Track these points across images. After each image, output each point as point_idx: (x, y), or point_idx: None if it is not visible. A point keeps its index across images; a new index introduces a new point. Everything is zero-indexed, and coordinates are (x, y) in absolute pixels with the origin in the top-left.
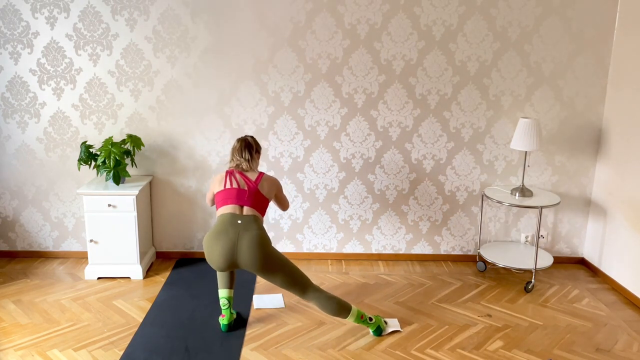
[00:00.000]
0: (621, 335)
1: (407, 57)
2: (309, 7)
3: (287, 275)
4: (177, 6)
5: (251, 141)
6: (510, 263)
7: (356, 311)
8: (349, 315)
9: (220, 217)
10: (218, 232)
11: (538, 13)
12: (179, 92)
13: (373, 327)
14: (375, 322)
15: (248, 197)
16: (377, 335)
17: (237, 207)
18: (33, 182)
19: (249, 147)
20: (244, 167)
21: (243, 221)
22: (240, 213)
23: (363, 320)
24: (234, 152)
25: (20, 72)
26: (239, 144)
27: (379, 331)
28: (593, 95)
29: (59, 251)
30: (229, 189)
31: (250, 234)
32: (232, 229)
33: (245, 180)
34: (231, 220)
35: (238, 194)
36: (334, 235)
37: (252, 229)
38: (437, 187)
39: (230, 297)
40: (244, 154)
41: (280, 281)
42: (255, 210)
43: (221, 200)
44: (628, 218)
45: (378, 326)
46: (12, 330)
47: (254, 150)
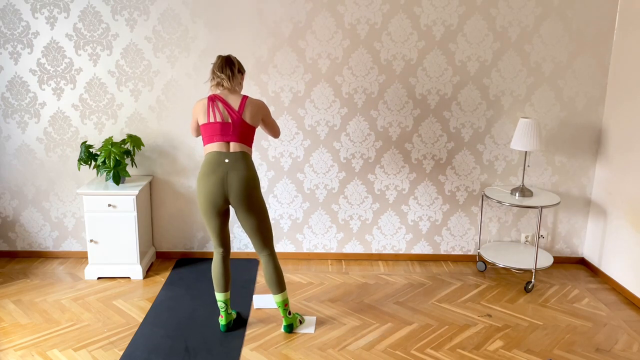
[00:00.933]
0: (621, 335)
1: (407, 57)
2: (309, 7)
3: (260, 222)
4: (177, 6)
5: (233, 58)
6: (510, 263)
7: (286, 296)
8: (279, 294)
9: (207, 156)
10: (207, 172)
11: (538, 13)
12: (179, 92)
13: (287, 321)
14: (292, 318)
15: (233, 131)
16: (287, 331)
17: (224, 144)
18: (33, 182)
19: (229, 63)
20: (225, 84)
21: (230, 159)
22: (226, 150)
23: (285, 308)
24: (213, 70)
25: (20, 72)
26: (220, 60)
27: (290, 327)
28: (593, 95)
29: (59, 251)
30: (212, 123)
31: (239, 174)
32: (220, 169)
33: (229, 111)
34: (218, 160)
35: (222, 128)
36: (334, 235)
37: (240, 168)
38: (437, 187)
39: (227, 299)
40: (225, 70)
41: (252, 224)
42: (242, 143)
43: (206, 136)
44: (628, 218)
45: (291, 323)
46: (12, 330)
47: (235, 67)
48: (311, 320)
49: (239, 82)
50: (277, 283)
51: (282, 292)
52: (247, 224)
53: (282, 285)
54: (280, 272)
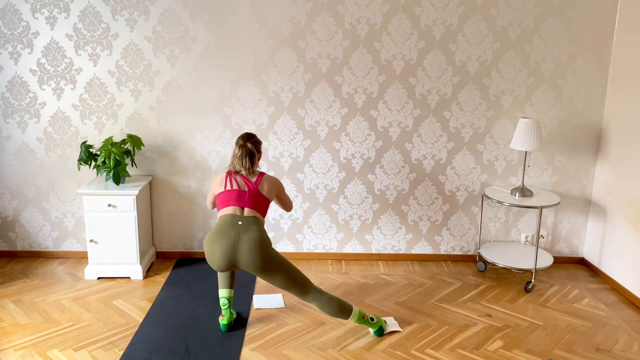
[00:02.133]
0: (621, 335)
1: (407, 57)
2: (309, 7)
3: (287, 276)
4: (177, 6)
5: (251, 148)
6: (510, 263)
7: (357, 312)
8: (350, 316)
9: (221, 218)
10: (218, 232)
11: (538, 13)
12: (179, 92)
13: (375, 327)
14: (377, 322)
15: (249, 198)
16: (379, 335)
17: (238, 208)
18: (33, 182)
19: (250, 155)
20: (244, 174)
21: (243, 222)
22: (240, 214)
23: (364, 320)
24: (234, 159)
25: (20, 72)
26: (240, 151)
27: (380, 331)
28: (593, 95)
29: (59, 251)
30: (229, 190)
31: (251, 235)
32: (233, 230)
33: (246, 182)
34: (232, 221)
35: (238, 195)
36: (334, 235)
37: (252, 230)
38: (437, 187)
39: (230, 297)
40: (245, 162)
41: (280, 282)
42: (256, 211)
43: (222, 201)
44: (628, 218)
45: (380, 326)
46: (12, 330)
47: (255, 157)
48: (390, 320)
49: (257, 165)
50: (342, 311)
51: (353, 313)
52: (276, 284)
53: (347, 307)
54: (337, 300)
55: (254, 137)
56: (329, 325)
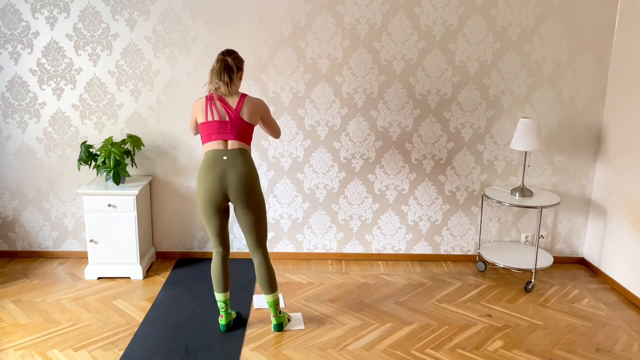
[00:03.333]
0: (621, 335)
1: (407, 57)
2: (309, 7)
3: (258, 220)
4: (177, 6)
5: (231, 62)
6: (510, 263)
7: (277, 296)
8: (270, 293)
9: (206, 155)
10: (206, 170)
11: (538, 13)
12: (179, 92)
13: (276, 320)
14: (282, 317)
15: (230, 129)
16: (277, 330)
17: (221, 142)
18: (33, 182)
19: (228, 70)
20: (222, 91)
21: (228, 156)
22: (224, 147)
23: (276, 307)
24: (212, 74)
25: (20, 72)
26: (218, 64)
27: (280, 326)
28: (593, 95)
29: (59, 251)
30: (210, 121)
31: (237, 170)
32: (218, 166)
33: (226, 109)
34: (216, 157)
35: (220, 126)
36: (334, 235)
37: (238, 164)
38: (437, 187)
39: (226, 299)
40: (223, 76)
41: (251, 221)
42: (241, 141)
43: (205, 135)
44: (628, 218)
45: (281, 322)
46: (12, 330)
47: (234, 72)
48: (297, 316)
49: (237, 84)
50: (270, 283)
51: (274, 292)
52: (245, 221)
53: (274, 285)
54: (273, 273)
55: (234, 52)
56: (329, 325)
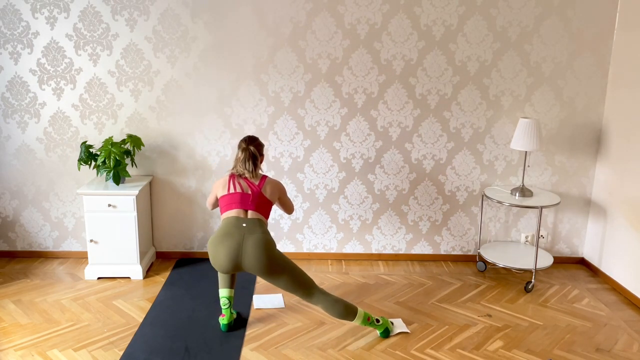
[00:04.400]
0: (621, 335)
1: (407, 57)
2: (309, 7)
3: (291, 278)
4: (177, 6)
5: (254, 151)
6: (510, 263)
7: (363, 313)
8: (355, 318)
9: (225, 221)
10: (223, 234)
11: (538, 13)
12: (179, 92)
13: (381, 328)
14: (383, 323)
15: (252, 201)
16: (385, 337)
17: (242, 211)
18: (33, 182)
19: (253, 159)
20: (247, 176)
21: (248, 224)
22: (244, 217)
23: (370, 322)
24: (237, 162)
25: (20, 72)
26: (243, 154)
27: (386, 332)
28: (593, 95)
29: (59, 251)
30: (232, 193)
31: (255, 237)
32: (237, 232)
33: (249, 184)
34: (236, 224)
35: (242, 198)
36: (334, 235)
37: (256, 232)
38: (437, 187)
39: (230, 296)
40: (248, 165)
41: (285, 284)
42: (260, 213)
43: (225, 204)
44: (628, 218)
45: (386, 328)
46: (12, 330)
47: (258, 160)
48: (398, 321)
49: (259, 168)
50: (347, 312)
51: (358, 315)
52: (281, 286)
53: (353, 309)
54: (342, 302)
55: (256, 140)
56: (329, 325)
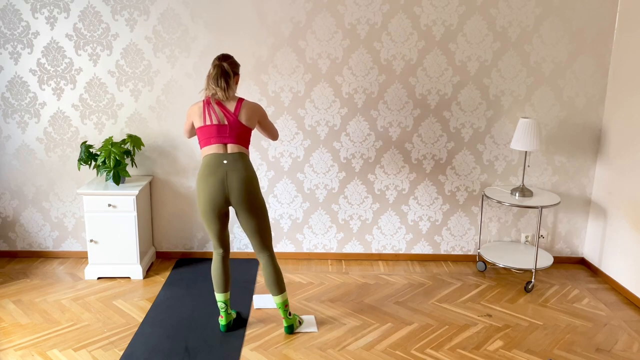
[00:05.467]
0: (621, 335)
1: (407, 57)
2: (309, 7)
3: (261, 222)
4: (177, 6)
5: (227, 67)
6: (510, 263)
7: (286, 297)
8: (279, 295)
9: (205, 158)
10: (206, 175)
11: (538, 13)
12: (179, 92)
13: (287, 322)
14: (292, 319)
15: (230, 133)
16: (288, 332)
17: (221, 145)
18: (33, 182)
19: (225, 75)
20: (219, 96)
21: (228, 160)
22: (224, 152)
23: (285, 309)
24: (208, 80)
25: (20, 72)
26: (214, 70)
27: (290, 329)
28: (593, 95)
29: (59, 251)
30: (209, 125)
31: (238, 175)
32: (219, 169)
33: (224, 112)
34: (216, 161)
35: (219, 130)
36: (334, 235)
37: (239, 168)
38: (437, 187)
39: (227, 300)
40: (220, 82)
41: (253, 225)
42: (240, 145)
43: (203, 138)
44: (628, 218)
45: (291, 324)
46: (12, 330)
47: (230, 77)
48: (310, 319)
49: (234, 88)
50: (277, 284)
51: (282, 293)
52: (248, 224)
53: (282, 286)
54: (280, 273)
55: (230, 57)
56: (329, 325)
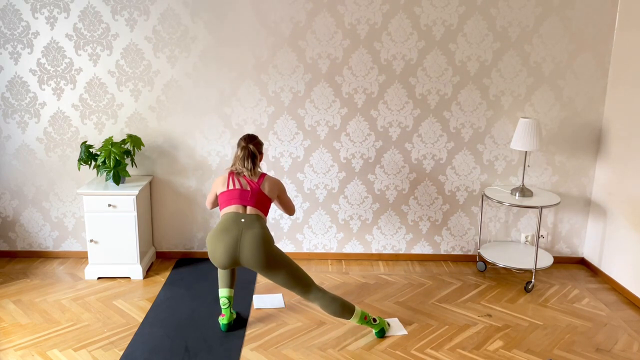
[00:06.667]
0: (621, 335)
1: (407, 57)
2: (309, 7)
3: (289, 274)
4: (177, 6)
5: (253, 150)
6: (510, 263)
7: (360, 312)
8: (352, 317)
9: (224, 216)
10: (221, 230)
11: (538, 13)
12: (179, 92)
13: (377, 328)
14: (379, 323)
15: (251, 197)
16: (380, 336)
17: (241, 207)
18: (33, 182)
19: (252, 157)
20: (246, 175)
21: (246, 220)
22: (243, 212)
23: (367, 321)
24: (236, 160)
25: (20, 72)
26: (242, 152)
27: (382, 333)
28: (593, 95)
29: (59, 251)
30: (232, 189)
31: (253, 232)
32: (235, 227)
33: (248, 182)
34: (234, 219)
35: (241, 194)
36: (334, 235)
37: (255, 227)
38: (437, 187)
39: (230, 296)
40: (247, 163)
41: (283, 280)
42: (258, 209)
43: (225, 200)
44: (628, 218)
45: (382, 328)
46: (12, 330)
47: (257, 158)
48: (395, 322)
49: (258, 166)
50: (344, 311)
51: (355, 314)
52: (278, 282)
53: (350, 307)
54: (339, 300)
55: (255, 138)
56: (329, 325)
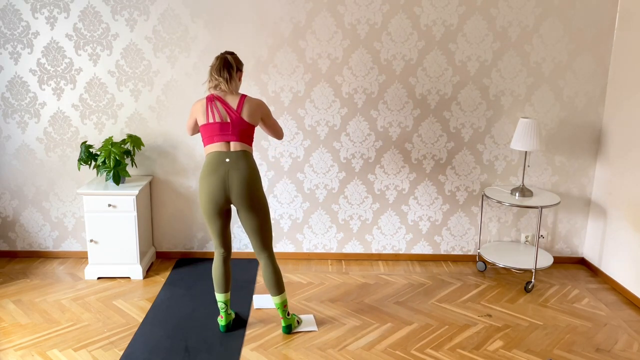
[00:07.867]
0: (621, 335)
1: (407, 57)
2: (309, 7)
3: (262, 223)
4: (177, 6)
5: (230, 59)
6: (510, 263)
7: (285, 298)
8: (278, 295)
9: (208, 157)
10: (208, 173)
11: (538, 13)
12: (179, 92)
13: (285, 322)
14: (291, 319)
15: (232, 131)
16: (286, 332)
17: (224, 144)
18: (33, 182)
19: (228, 66)
20: (222, 87)
21: (231, 158)
22: (227, 150)
23: (284, 309)
24: (212, 71)
25: (20, 72)
26: (218, 62)
27: (289, 328)
28: (593, 95)
29: (59, 251)
30: (212, 123)
31: (240, 173)
32: (221, 168)
33: (227, 110)
34: (219, 159)
35: (222, 127)
36: (334, 235)
37: (241, 167)
38: (437, 187)
39: (227, 300)
40: (223, 72)
41: (254, 224)
42: (243, 142)
43: (206, 137)
44: (628, 218)
45: (290, 324)
46: (12, 330)
47: (234, 69)
48: (309, 318)
49: (237, 82)
50: (276, 285)
51: (282, 294)
52: (249, 223)
53: (281, 286)
54: (279, 274)
55: (234, 53)
56: (329, 325)
